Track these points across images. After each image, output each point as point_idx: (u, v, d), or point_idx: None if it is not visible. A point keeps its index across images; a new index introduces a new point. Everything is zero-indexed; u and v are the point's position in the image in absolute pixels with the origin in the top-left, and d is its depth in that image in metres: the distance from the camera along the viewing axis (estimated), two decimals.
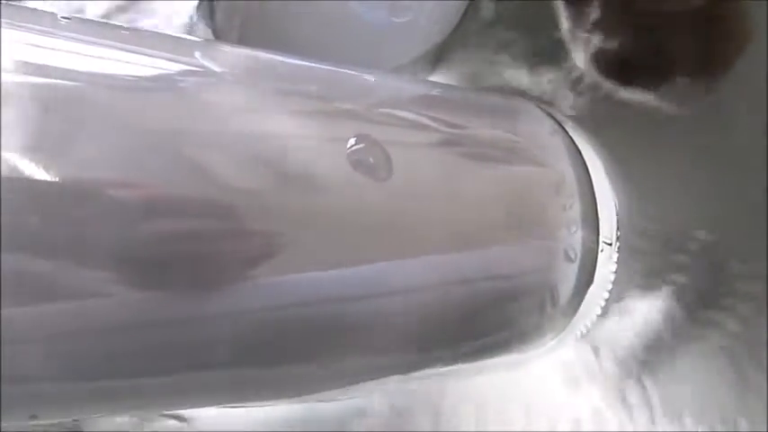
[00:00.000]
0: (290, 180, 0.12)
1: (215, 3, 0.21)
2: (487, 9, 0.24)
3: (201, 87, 0.12)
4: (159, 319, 0.11)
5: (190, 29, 0.21)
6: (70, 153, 0.10)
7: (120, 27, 0.13)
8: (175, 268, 0.11)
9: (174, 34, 0.17)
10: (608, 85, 0.24)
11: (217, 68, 0.13)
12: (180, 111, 0.11)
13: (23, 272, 0.10)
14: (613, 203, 0.17)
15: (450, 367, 0.16)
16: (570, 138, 0.17)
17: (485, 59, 0.24)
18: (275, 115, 0.13)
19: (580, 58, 0.24)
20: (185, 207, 0.11)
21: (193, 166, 0.11)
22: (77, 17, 0.12)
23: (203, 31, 0.21)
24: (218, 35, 0.21)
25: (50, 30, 0.11)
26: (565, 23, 0.25)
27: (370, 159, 0.13)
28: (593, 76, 0.24)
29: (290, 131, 0.12)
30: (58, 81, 0.10)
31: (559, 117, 0.17)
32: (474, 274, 0.15)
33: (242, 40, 0.21)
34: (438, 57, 0.23)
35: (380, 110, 0.14)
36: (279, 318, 0.12)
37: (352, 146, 0.13)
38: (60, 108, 0.10)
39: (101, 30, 0.12)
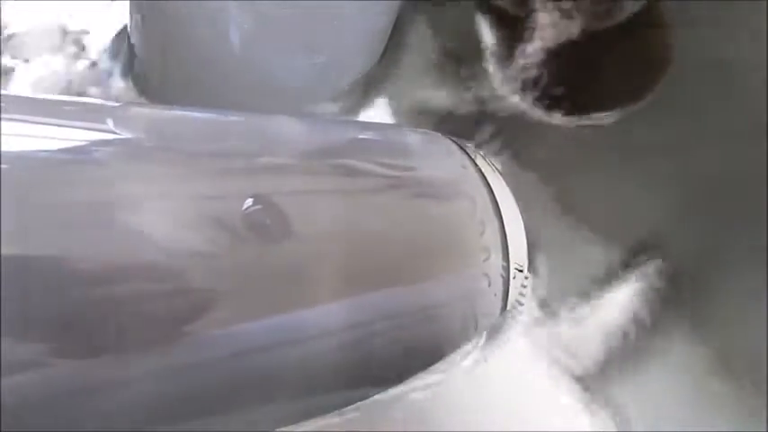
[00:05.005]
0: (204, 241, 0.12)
1: (134, 55, 0.21)
2: (413, 37, 0.25)
3: (116, 156, 0.12)
4: (102, 384, 0.11)
5: (106, 78, 0.21)
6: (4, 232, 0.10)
7: (24, 97, 0.13)
8: (112, 332, 0.11)
9: (83, 100, 0.17)
10: (534, 109, 0.25)
11: (130, 135, 0.13)
12: (99, 181, 0.12)
13: None
14: (523, 231, 0.17)
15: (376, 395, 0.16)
16: (480, 169, 0.17)
17: (411, 86, 0.24)
18: (191, 178, 0.13)
19: (501, 82, 0.25)
20: (119, 273, 0.11)
21: (114, 233, 0.11)
22: None
23: (119, 81, 0.21)
24: (139, 88, 0.21)
25: None
26: (490, 48, 0.26)
27: (267, 221, 0.13)
28: (515, 99, 0.25)
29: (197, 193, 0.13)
30: None
31: (470, 149, 0.18)
32: (393, 311, 0.15)
33: (164, 95, 0.21)
34: (367, 86, 0.24)
35: (286, 161, 0.15)
36: (214, 370, 0.12)
37: (248, 207, 0.13)
38: None
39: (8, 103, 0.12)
